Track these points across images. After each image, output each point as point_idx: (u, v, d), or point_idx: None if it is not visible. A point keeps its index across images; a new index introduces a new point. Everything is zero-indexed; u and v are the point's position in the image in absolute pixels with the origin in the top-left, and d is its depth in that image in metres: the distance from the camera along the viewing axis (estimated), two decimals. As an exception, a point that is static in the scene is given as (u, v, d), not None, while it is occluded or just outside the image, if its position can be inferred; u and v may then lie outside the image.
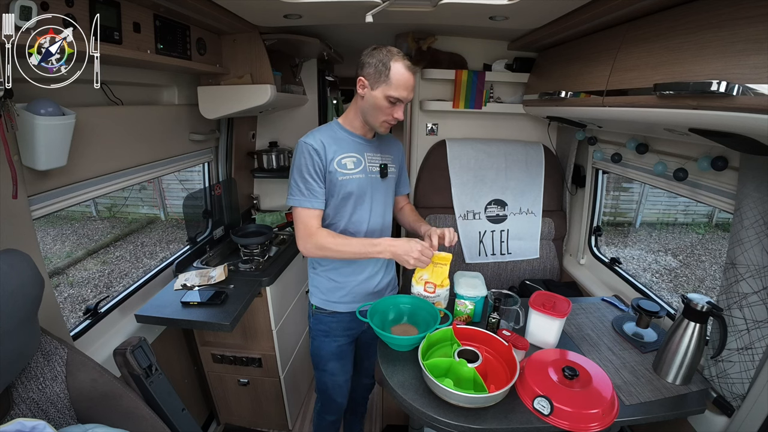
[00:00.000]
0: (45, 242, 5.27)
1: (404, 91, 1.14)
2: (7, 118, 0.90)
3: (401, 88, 1.14)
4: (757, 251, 1.03)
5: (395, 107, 1.18)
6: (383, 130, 1.26)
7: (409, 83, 1.15)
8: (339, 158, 1.23)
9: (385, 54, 1.14)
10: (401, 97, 1.15)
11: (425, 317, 1.29)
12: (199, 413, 2.01)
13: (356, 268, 1.36)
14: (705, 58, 0.86)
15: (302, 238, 1.23)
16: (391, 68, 1.13)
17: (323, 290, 1.39)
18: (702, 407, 1.10)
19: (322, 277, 1.38)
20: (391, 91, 1.14)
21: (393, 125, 1.25)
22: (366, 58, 1.16)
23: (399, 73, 1.13)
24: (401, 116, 1.19)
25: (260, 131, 2.55)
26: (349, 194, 1.26)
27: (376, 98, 1.16)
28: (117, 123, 1.38)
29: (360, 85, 1.19)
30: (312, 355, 1.49)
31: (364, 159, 1.28)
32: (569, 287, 1.97)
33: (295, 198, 1.22)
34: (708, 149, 1.25)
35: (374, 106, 1.18)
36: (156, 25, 1.26)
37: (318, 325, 1.43)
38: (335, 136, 1.25)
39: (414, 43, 1.83)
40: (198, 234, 2.09)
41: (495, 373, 1.10)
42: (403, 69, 1.13)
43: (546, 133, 2.12)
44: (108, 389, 0.94)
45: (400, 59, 1.14)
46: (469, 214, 2.01)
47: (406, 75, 1.13)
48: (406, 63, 1.14)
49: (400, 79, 1.13)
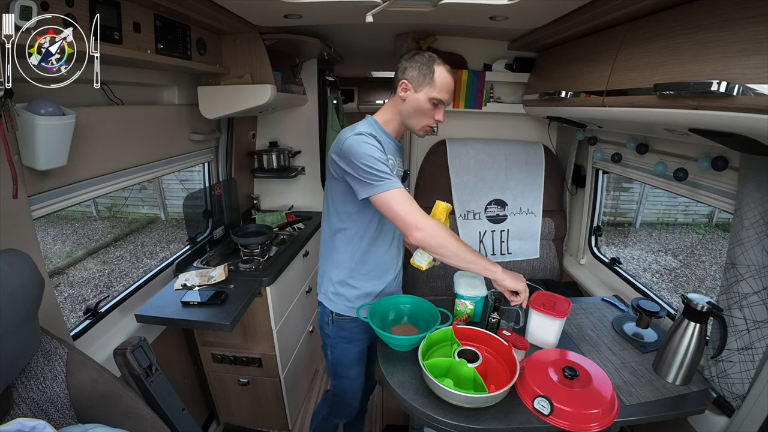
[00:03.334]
0: (45, 242, 5.27)
1: (447, 93, 1.19)
2: (7, 118, 0.90)
3: (444, 90, 1.18)
4: (757, 251, 1.03)
5: (437, 109, 1.21)
6: (422, 134, 1.28)
7: (451, 86, 1.20)
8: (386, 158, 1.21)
9: (428, 59, 1.18)
10: (444, 100, 1.19)
11: (425, 317, 1.29)
12: (199, 413, 2.01)
13: (383, 272, 1.36)
14: (705, 58, 0.86)
15: (417, 218, 1.08)
16: (435, 71, 1.16)
17: (349, 297, 1.33)
18: (702, 407, 1.10)
19: (348, 285, 1.33)
20: (434, 93, 1.17)
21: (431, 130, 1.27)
22: (407, 62, 1.19)
23: (443, 75, 1.17)
24: (442, 118, 1.22)
25: (260, 131, 2.55)
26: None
27: (419, 101, 1.19)
28: (117, 123, 1.38)
29: (402, 88, 1.20)
30: (333, 363, 1.44)
31: (396, 163, 1.29)
32: (569, 287, 1.98)
33: (382, 182, 1.09)
34: (708, 149, 1.25)
35: (417, 108, 1.20)
36: (156, 25, 1.26)
37: (339, 333, 1.38)
38: (378, 136, 1.21)
39: (414, 43, 1.84)
40: (198, 234, 2.09)
41: (495, 373, 1.10)
42: (446, 72, 1.18)
43: (546, 133, 2.12)
44: (108, 389, 0.94)
45: (441, 63, 1.18)
46: (469, 214, 2.01)
47: (448, 78, 1.18)
48: (447, 67, 1.19)
49: (444, 81, 1.17)
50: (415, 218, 1.09)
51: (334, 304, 1.35)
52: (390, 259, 1.37)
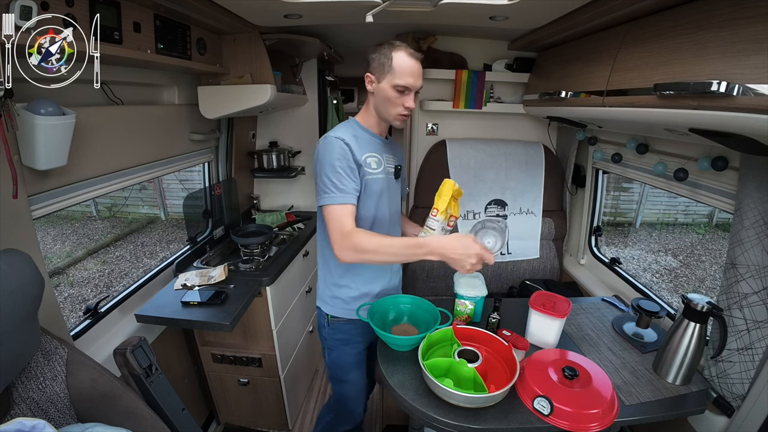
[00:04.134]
0: (45, 242, 5.27)
1: (409, 77, 1.15)
2: (7, 118, 0.90)
3: (406, 74, 1.14)
4: (757, 251, 1.03)
5: (404, 96, 1.18)
6: (399, 124, 1.24)
7: (414, 69, 1.15)
8: (364, 156, 1.22)
9: (387, 47, 1.16)
10: (407, 84, 1.15)
11: (425, 317, 1.29)
12: (199, 413, 2.01)
13: (378, 274, 1.34)
14: (705, 58, 0.86)
15: (337, 241, 1.10)
16: (393, 58, 1.14)
17: (345, 299, 1.32)
18: (702, 407, 1.10)
19: (342, 287, 1.32)
20: (396, 79, 1.15)
21: (407, 117, 1.23)
22: (370, 54, 1.18)
23: (401, 60, 1.14)
24: (412, 104, 1.19)
25: (260, 131, 2.55)
26: (374, 194, 1.24)
27: (384, 90, 1.17)
28: (117, 123, 1.38)
29: (368, 81, 1.20)
30: (331, 367, 1.43)
31: (383, 159, 1.27)
32: (569, 287, 1.98)
33: (327, 196, 1.12)
34: (708, 149, 1.25)
35: (385, 98, 1.18)
36: (156, 25, 1.26)
37: (336, 335, 1.37)
38: (357, 135, 1.24)
39: (414, 43, 1.84)
40: (198, 234, 2.09)
41: (495, 373, 1.10)
42: (405, 56, 1.14)
43: (546, 133, 2.12)
44: (108, 389, 0.94)
45: (402, 48, 1.15)
46: (469, 214, 2.01)
47: (409, 62, 1.14)
48: (408, 51, 1.15)
49: (403, 66, 1.14)
50: (338, 237, 1.09)
51: (330, 307, 1.35)
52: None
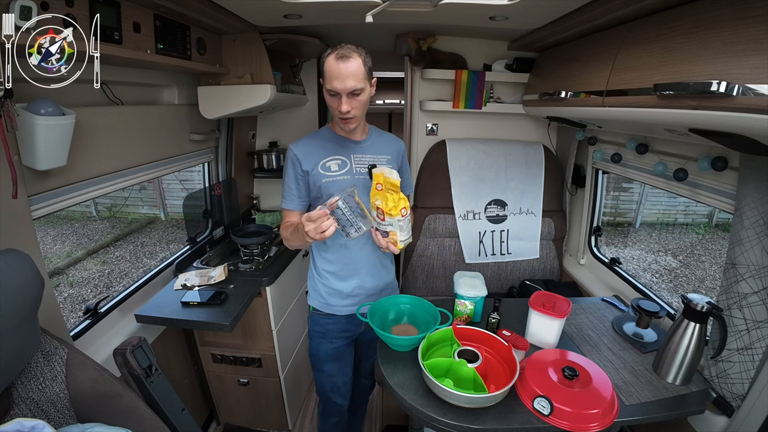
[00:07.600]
0: (45, 242, 5.26)
1: (335, 81, 1.13)
2: (7, 118, 0.90)
3: (332, 78, 1.14)
4: (757, 251, 1.03)
5: (336, 99, 1.17)
6: (345, 126, 1.24)
7: (339, 72, 1.12)
8: (323, 162, 1.28)
9: (326, 51, 1.16)
10: (334, 88, 1.14)
11: (425, 317, 1.29)
12: (199, 413, 2.01)
13: (352, 271, 1.37)
14: (705, 58, 0.86)
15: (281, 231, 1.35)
16: (325, 62, 1.15)
17: (322, 293, 1.40)
18: (702, 407, 1.10)
19: (320, 280, 1.40)
20: (326, 83, 1.16)
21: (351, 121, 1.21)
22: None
23: (329, 64, 1.14)
24: (343, 108, 1.17)
25: (260, 131, 2.55)
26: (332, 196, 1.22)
27: (325, 94, 1.20)
28: (117, 123, 1.38)
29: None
30: (310, 355, 1.51)
31: (350, 161, 1.30)
32: (569, 287, 1.97)
33: (282, 200, 1.36)
34: (708, 149, 1.25)
35: (327, 103, 1.22)
36: (156, 25, 1.26)
37: (315, 327, 1.45)
38: (322, 142, 1.31)
39: (414, 43, 1.83)
40: (198, 234, 2.09)
41: (495, 373, 1.10)
42: (332, 60, 1.13)
43: (546, 133, 2.12)
44: (108, 389, 0.94)
45: (332, 52, 1.14)
46: (469, 214, 2.01)
47: (333, 65, 1.13)
48: (337, 54, 1.13)
49: (331, 70, 1.14)
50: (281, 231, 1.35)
51: (311, 299, 1.45)
52: (359, 260, 1.36)
